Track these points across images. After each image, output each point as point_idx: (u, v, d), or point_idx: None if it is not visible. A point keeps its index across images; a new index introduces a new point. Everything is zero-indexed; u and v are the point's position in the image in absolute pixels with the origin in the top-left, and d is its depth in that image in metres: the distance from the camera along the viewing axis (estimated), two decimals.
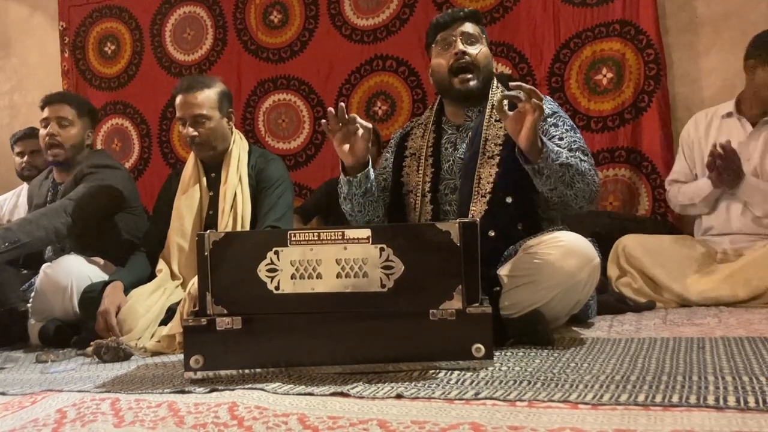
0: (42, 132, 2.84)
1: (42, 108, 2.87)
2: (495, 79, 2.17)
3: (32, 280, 2.78)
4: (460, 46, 2.08)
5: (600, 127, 3.39)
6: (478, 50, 2.10)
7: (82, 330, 2.42)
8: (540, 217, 2.04)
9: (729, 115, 2.77)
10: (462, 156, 2.10)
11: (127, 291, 2.39)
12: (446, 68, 2.10)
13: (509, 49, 3.55)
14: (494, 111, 2.05)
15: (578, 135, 2.03)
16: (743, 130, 2.71)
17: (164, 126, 4.29)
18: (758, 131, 2.68)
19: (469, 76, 2.08)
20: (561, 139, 1.98)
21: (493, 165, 2.00)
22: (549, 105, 2.07)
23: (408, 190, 2.16)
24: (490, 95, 2.12)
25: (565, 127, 2.02)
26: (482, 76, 2.09)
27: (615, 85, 3.38)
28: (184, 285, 2.46)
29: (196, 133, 2.51)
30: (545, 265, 1.82)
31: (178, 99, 2.54)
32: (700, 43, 2.82)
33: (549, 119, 2.03)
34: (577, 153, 1.94)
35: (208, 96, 2.54)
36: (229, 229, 2.47)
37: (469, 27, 2.11)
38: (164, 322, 2.30)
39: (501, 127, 2.04)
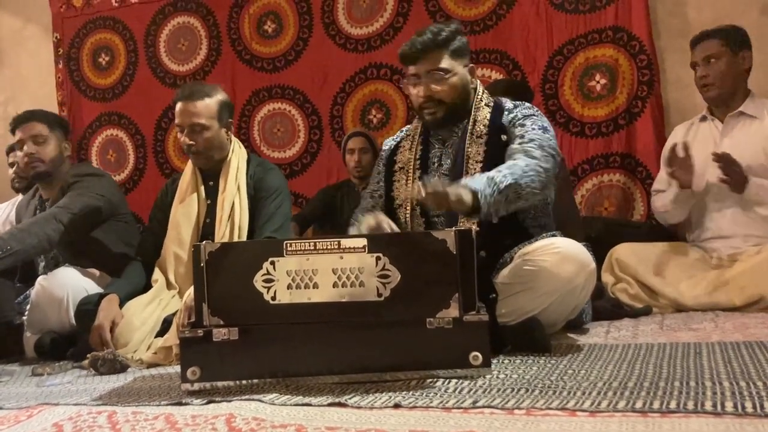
0: (19, 154, 2.79)
1: (12, 131, 2.82)
2: (479, 91, 2.15)
3: (27, 292, 2.76)
4: (422, 92, 2.06)
5: (594, 133, 3.41)
6: (443, 86, 2.05)
7: (78, 342, 2.41)
8: (529, 226, 2.04)
9: (704, 119, 2.80)
10: (446, 173, 2.08)
11: (122, 303, 2.38)
12: (416, 105, 2.12)
13: (503, 56, 3.56)
14: (475, 128, 2.06)
15: (546, 135, 1.97)
16: (716, 130, 2.73)
17: (159, 136, 4.29)
18: (728, 128, 2.70)
19: (433, 110, 2.07)
20: (522, 136, 1.97)
21: None
22: (523, 111, 2.06)
23: (398, 204, 2.15)
24: (473, 109, 2.10)
25: (534, 126, 1.99)
26: (448, 106, 2.06)
27: (608, 91, 3.39)
28: (180, 294, 2.45)
29: (192, 142, 2.49)
30: (541, 271, 1.82)
31: (178, 106, 2.50)
32: None
33: (519, 121, 2.02)
34: (529, 145, 1.91)
35: (208, 105, 2.50)
36: (226, 238, 2.45)
37: (434, 60, 2.05)
38: (160, 334, 2.29)
39: (482, 144, 2.03)
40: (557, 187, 2.12)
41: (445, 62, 2.05)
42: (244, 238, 2.47)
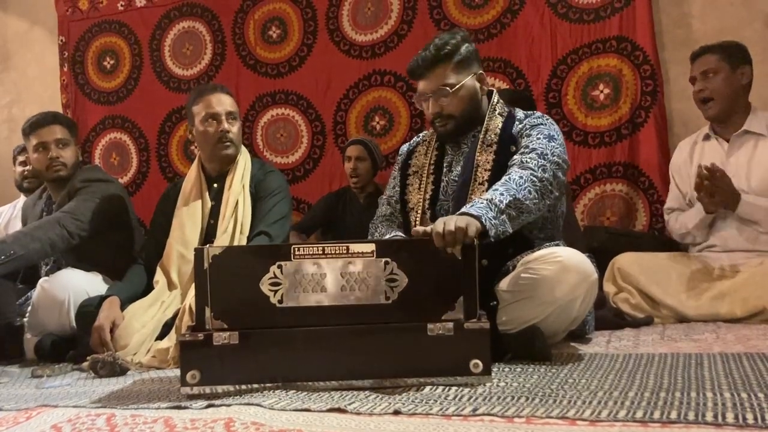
0: (40, 156, 2.76)
1: (30, 132, 2.78)
2: (494, 100, 2.16)
3: (29, 294, 2.77)
4: (431, 108, 2.10)
5: (597, 143, 3.41)
6: (451, 101, 2.07)
7: (79, 345, 2.41)
8: (535, 237, 2.04)
9: (707, 137, 2.79)
10: (455, 179, 2.10)
11: (124, 305, 2.38)
12: (429, 119, 2.18)
13: (506, 64, 3.57)
14: (486, 137, 2.08)
15: (551, 144, 1.97)
16: (722, 149, 2.72)
17: (162, 140, 4.30)
18: (734, 147, 2.69)
19: (443, 123, 2.11)
20: (525, 147, 1.98)
21: (483, 191, 1.99)
22: (532, 121, 2.07)
23: (410, 208, 2.16)
24: (486, 117, 2.12)
25: (539, 136, 1.99)
26: (458, 119, 2.09)
27: (612, 100, 3.39)
28: (182, 294, 2.44)
29: (230, 129, 2.56)
30: (543, 280, 1.82)
31: (210, 98, 2.56)
32: None
33: (527, 131, 2.04)
34: (528, 155, 1.92)
35: (233, 100, 2.64)
36: (228, 234, 2.48)
37: (438, 77, 2.06)
38: (161, 338, 2.29)
39: (492, 152, 2.05)
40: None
41: (451, 77, 2.07)
42: (245, 235, 2.49)
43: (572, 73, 3.46)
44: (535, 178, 1.86)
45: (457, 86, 2.07)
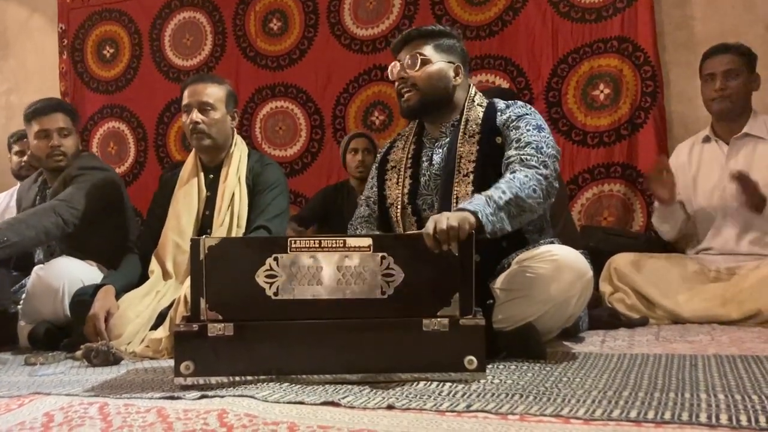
0: (41, 143, 2.74)
1: (32, 118, 2.75)
2: (472, 92, 2.14)
3: (23, 281, 2.76)
4: (396, 74, 2.12)
5: (596, 143, 3.41)
6: (418, 71, 2.07)
7: (73, 333, 2.40)
8: (526, 230, 2.01)
9: (707, 139, 2.79)
10: (438, 172, 2.09)
11: (119, 295, 2.37)
12: (396, 93, 2.16)
13: (507, 62, 3.56)
14: (467, 127, 2.06)
15: (542, 134, 1.96)
16: (721, 152, 2.72)
17: (161, 130, 4.28)
18: (733, 150, 2.70)
19: (405, 96, 2.10)
20: (518, 140, 1.96)
21: (468, 183, 1.98)
22: (516, 111, 2.05)
23: (390, 203, 2.16)
24: (464, 109, 2.10)
25: (528, 127, 1.97)
26: (421, 95, 2.07)
27: (612, 101, 3.39)
28: (179, 284, 2.43)
29: (199, 120, 2.50)
30: (538, 279, 1.82)
31: (188, 89, 2.55)
32: (697, 61, 2.84)
33: (513, 123, 2.01)
34: (526, 150, 1.91)
35: (218, 89, 2.58)
36: (225, 227, 2.47)
37: (414, 47, 2.09)
38: (155, 328, 2.29)
39: (474, 143, 2.03)
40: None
41: (426, 51, 2.09)
42: (242, 229, 2.48)
43: (573, 73, 3.45)
44: (540, 176, 1.84)
45: (429, 61, 2.08)
